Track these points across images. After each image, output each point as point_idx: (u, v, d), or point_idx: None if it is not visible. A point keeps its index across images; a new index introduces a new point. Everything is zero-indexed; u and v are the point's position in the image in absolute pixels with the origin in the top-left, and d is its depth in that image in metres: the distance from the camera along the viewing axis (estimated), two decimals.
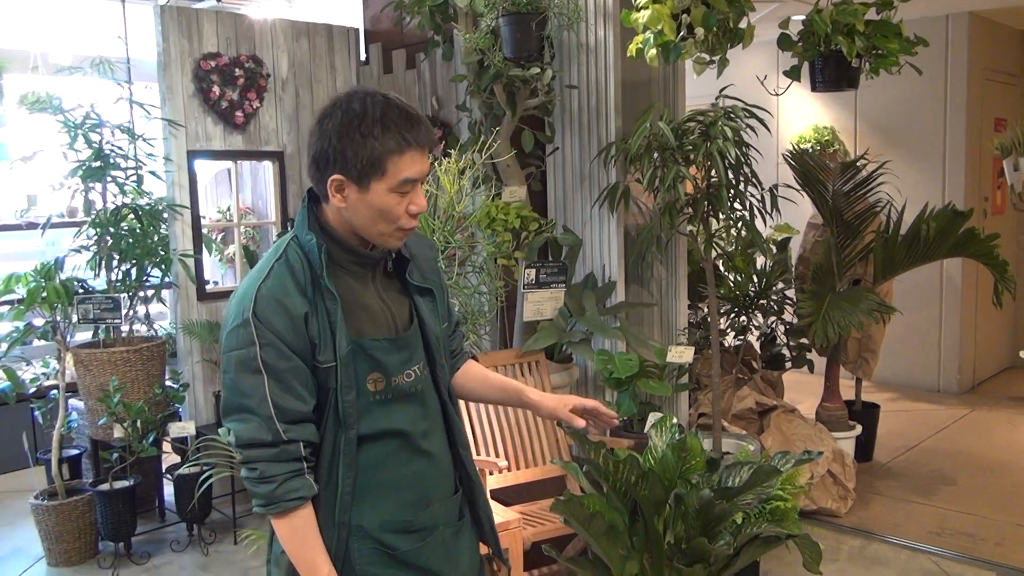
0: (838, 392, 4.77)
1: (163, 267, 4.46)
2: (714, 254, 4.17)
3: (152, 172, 4.41)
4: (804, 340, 4.89)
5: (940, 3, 5.89)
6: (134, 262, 4.31)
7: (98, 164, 4.18)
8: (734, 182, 3.62)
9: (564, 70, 4.14)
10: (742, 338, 4.87)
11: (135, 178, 4.32)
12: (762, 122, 3.65)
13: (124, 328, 4.30)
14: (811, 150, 6.23)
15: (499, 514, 2.97)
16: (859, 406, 5.00)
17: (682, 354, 3.80)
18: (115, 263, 4.29)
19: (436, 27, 4.21)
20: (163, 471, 4.42)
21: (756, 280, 4.85)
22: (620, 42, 3.91)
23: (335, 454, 1.60)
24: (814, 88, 3.80)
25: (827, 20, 3.47)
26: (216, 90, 4.59)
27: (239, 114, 4.70)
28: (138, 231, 4.31)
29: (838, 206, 4.52)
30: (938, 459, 5.04)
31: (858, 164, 4.54)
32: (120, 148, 4.26)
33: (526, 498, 3.54)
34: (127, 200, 4.30)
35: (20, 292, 4.14)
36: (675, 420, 2.81)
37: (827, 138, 6.54)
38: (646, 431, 3.54)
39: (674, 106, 4.21)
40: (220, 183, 6.25)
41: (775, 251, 4.96)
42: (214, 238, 5.98)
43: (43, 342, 4.33)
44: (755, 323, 4.96)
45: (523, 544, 3.07)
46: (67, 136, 4.14)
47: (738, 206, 3.72)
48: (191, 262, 4.50)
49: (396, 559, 1.64)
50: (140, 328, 4.46)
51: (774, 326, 5.02)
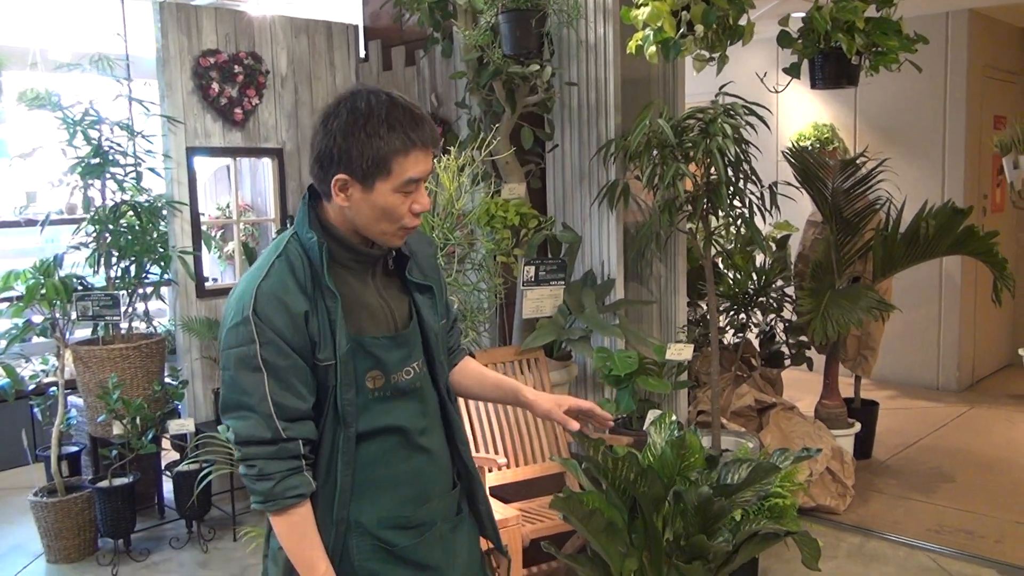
0: (837, 390, 4.78)
1: (162, 264, 4.46)
2: (713, 251, 4.17)
3: (151, 169, 4.40)
4: (803, 337, 4.89)
5: (940, 0, 5.89)
6: (133, 259, 4.31)
7: (97, 161, 4.18)
8: (733, 179, 3.61)
9: (564, 67, 4.13)
10: (741, 335, 4.87)
11: (134, 175, 4.32)
12: (762, 119, 3.65)
13: (123, 325, 4.30)
14: (811, 147, 6.24)
15: (498, 511, 2.97)
16: (858, 404, 5.01)
17: (681, 351, 3.80)
18: (114, 260, 4.29)
19: (435, 24, 4.21)
20: (162, 468, 4.42)
21: (755, 277, 4.85)
22: (620, 39, 3.91)
23: (334, 451, 1.60)
24: (814, 85, 3.80)
25: (827, 17, 3.47)
26: (215, 87, 4.59)
27: (238, 111, 4.70)
28: (137, 228, 4.31)
29: (837, 203, 4.52)
30: (937, 457, 5.04)
31: (857, 162, 4.54)
32: (119, 145, 4.26)
33: (525, 495, 3.54)
34: (126, 197, 4.30)
35: (19, 289, 4.14)
36: (674, 417, 2.82)
37: (827, 135, 6.54)
38: (645, 428, 3.55)
39: (674, 103, 4.21)
40: (219, 180, 6.25)
41: (774, 249, 4.96)
42: (213, 235, 5.98)
43: (42, 339, 4.33)
44: (754, 320, 4.96)
45: (522, 541, 3.07)
46: (66, 133, 4.14)
47: (737, 203, 3.72)
48: (190, 259, 4.51)
49: (394, 555, 1.64)
50: (139, 325, 4.46)
51: (773, 324, 5.02)
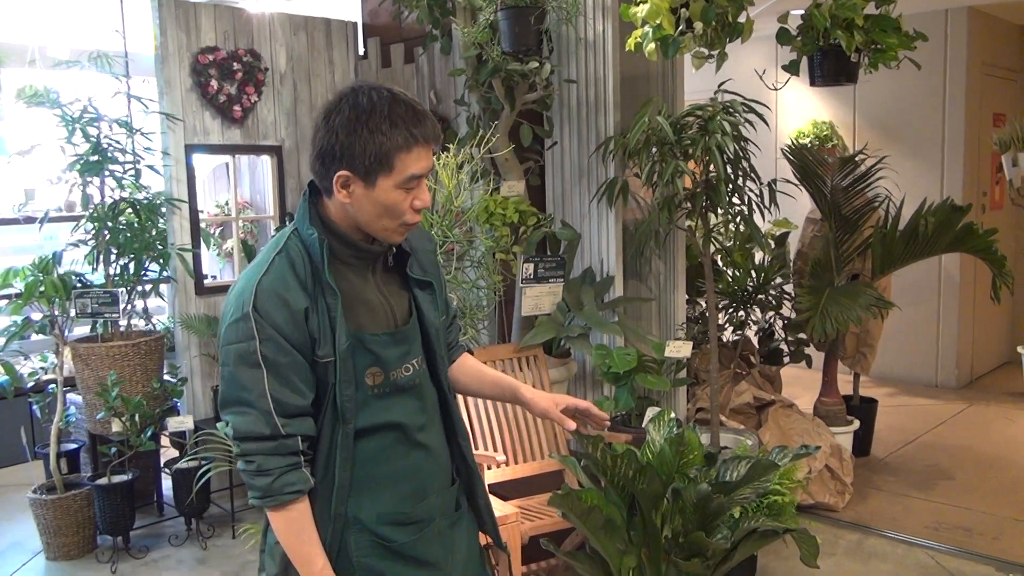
0: (836, 387, 4.78)
1: (161, 261, 4.46)
2: (712, 249, 4.17)
3: (150, 166, 4.40)
4: (802, 335, 4.89)
5: None
6: (132, 256, 4.31)
7: (96, 158, 4.17)
8: (732, 177, 3.61)
9: (563, 64, 4.13)
10: (740, 333, 4.87)
11: (133, 172, 4.32)
12: (761, 117, 3.65)
13: (122, 322, 4.30)
14: (810, 145, 6.24)
15: (497, 508, 2.97)
16: (857, 401, 5.01)
17: (680, 349, 3.80)
18: (113, 257, 4.28)
19: (434, 21, 4.20)
20: (161, 465, 4.41)
21: (754, 275, 4.85)
22: (619, 36, 3.91)
23: (332, 447, 1.60)
24: (813, 83, 3.80)
25: (826, 14, 3.46)
26: (214, 84, 4.58)
27: (237, 108, 4.69)
28: (136, 225, 4.30)
29: (836, 201, 4.52)
30: (936, 454, 5.05)
31: (856, 159, 4.53)
32: (118, 142, 4.26)
33: (524, 492, 3.54)
34: (125, 194, 4.30)
35: (18, 286, 4.14)
36: (673, 415, 2.82)
37: (826, 133, 6.54)
38: (644, 426, 3.54)
39: (673, 101, 4.20)
40: (218, 177, 6.25)
41: (773, 246, 4.96)
42: (212, 232, 5.98)
43: (41, 336, 4.34)
44: (753, 318, 4.96)
45: (521, 538, 3.07)
46: (65, 130, 4.13)
47: (736, 201, 3.71)
48: (189, 256, 4.51)
49: (392, 551, 1.64)
50: (138, 322, 4.46)
51: (772, 321, 5.02)
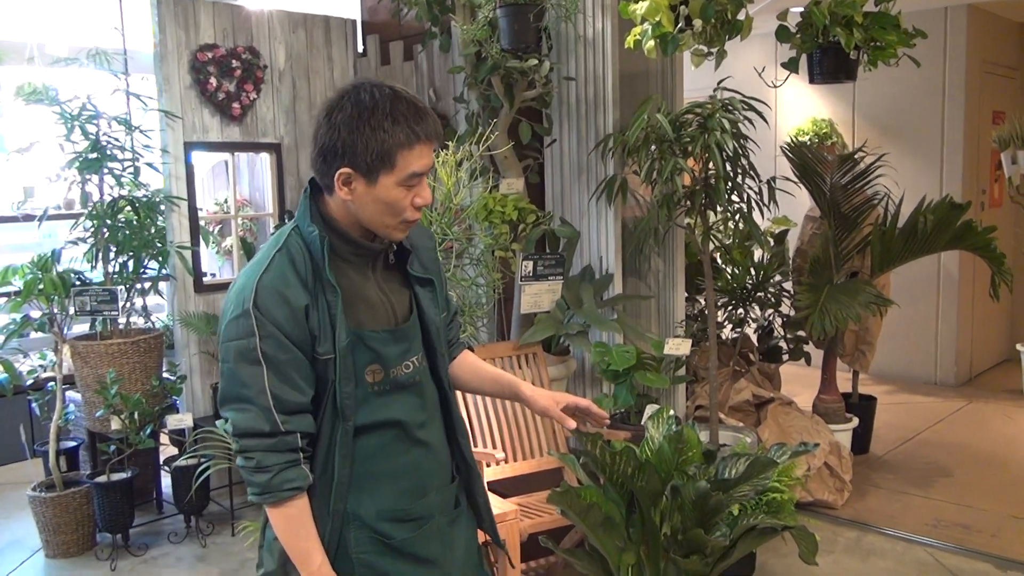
0: (835, 384, 4.78)
1: (160, 259, 4.45)
2: (712, 246, 4.16)
3: (149, 164, 4.40)
4: (801, 332, 4.90)
5: None
6: (131, 254, 4.31)
7: (95, 156, 4.17)
8: (732, 174, 3.61)
9: (562, 62, 4.13)
10: (739, 330, 4.87)
11: (132, 170, 4.32)
12: (760, 114, 3.65)
13: (121, 320, 4.30)
14: (809, 142, 6.24)
15: (496, 506, 2.97)
16: (856, 398, 5.01)
17: (679, 346, 3.80)
18: (112, 255, 4.28)
19: (434, 18, 4.20)
20: (160, 463, 4.41)
21: (753, 273, 4.85)
22: (618, 34, 3.90)
23: (331, 444, 1.60)
24: (812, 80, 3.79)
25: (825, 12, 3.46)
26: (213, 81, 4.58)
27: (236, 106, 4.69)
28: (135, 223, 4.30)
29: (836, 199, 4.52)
30: (934, 451, 5.05)
31: (856, 156, 4.53)
32: (117, 140, 4.25)
33: (523, 490, 3.54)
34: (124, 192, 4.30)
35: (17, 284, 4.15)
36: (672, 412, 2.82)
37: (825, 130, 6.54)
38: (643, 423, 3.54)
39: (672, 98, 4.20)
40: (217, 175, 6.24)
41: (772, 244, 4.96)
42: (211, 230, 5.97)
43: (40, 334, 4.34)
44: (752, 316, 4.96)
45: (520, 536, 3.07)
46: (64, 128, 4.13)
47: (736, 198, 3.71)
48: (188, 254, 4.50)
49: (391, 547, 1.64)
50: (137, 320, 4.46)
51: (771, 319, 5.02)
